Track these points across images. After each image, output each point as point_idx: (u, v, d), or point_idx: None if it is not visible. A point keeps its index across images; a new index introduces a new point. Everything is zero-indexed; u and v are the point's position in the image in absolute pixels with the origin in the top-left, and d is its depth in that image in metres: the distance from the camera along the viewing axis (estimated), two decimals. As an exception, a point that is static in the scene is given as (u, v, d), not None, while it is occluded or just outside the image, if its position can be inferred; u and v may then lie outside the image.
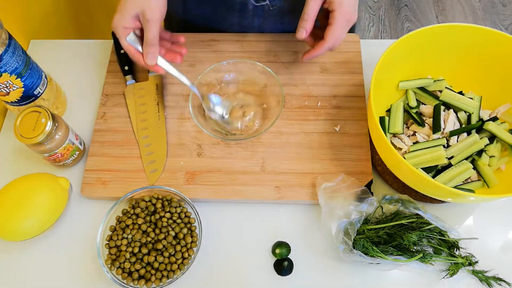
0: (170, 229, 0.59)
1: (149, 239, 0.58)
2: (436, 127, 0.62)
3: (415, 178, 0.53)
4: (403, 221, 0.58)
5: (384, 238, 0.57)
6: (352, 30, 0.74)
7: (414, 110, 0.66)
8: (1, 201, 0.58)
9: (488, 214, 0.63)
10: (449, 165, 0.60)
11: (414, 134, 0.64)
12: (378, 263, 0.56)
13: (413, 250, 0.57)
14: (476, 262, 0.59)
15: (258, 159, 0.66)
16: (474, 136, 0.61)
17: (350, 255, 0.56)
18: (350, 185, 0.60)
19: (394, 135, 0.65)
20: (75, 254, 0.62)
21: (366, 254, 0.56)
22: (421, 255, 0.56)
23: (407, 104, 0.67)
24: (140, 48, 0.59)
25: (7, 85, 0.62)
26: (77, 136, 0.66)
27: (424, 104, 0.67)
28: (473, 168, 0.60)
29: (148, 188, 0.62)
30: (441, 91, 0.66)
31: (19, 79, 0.62)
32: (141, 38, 0.59)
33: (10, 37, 0.60)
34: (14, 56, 0.60)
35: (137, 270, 0.57)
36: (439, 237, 0.58)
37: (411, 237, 0.56)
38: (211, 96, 0.67)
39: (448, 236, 0.58)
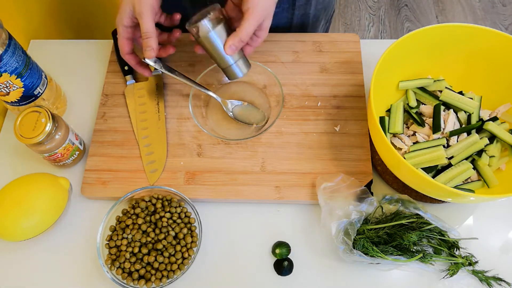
0: (170, 229, 0.59)
1: (149, 239, 0.58)
2: (436, 127, 0.62)
3: (415, 178, 0.53)
4: (403, 221, 0.58)
5: (384, 238, 0.57)
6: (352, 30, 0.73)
7: (414, 110, 0.66)
8: (1, 201, 0.58)
9: (488, 214, 0.63)
10: (449, 165, 0.60)
11: (414, 134, 0.64)
12: (378, 263, 0.56)
13: (413, 250, 0.57)
14: (476, 262, 0.59)
15: (258, 159, 0.66)
16: (474, 136, 0.61)
17: (350, 255, 0.55)
18: (350, 185, 0.60)
19: (394, 135, 0.65)
20: (75, 254, 0.61)
21: (366, 254, 0.56)
22: (421, 255, 0.56)
23: (407, 104, 0.67)
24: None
25: (7, 85, 0.62)
26: (77, 136, 0.66)
27: (424, 104, 0.67)
28: (473, 168, 0.60)
29: (148, 188, 0.62)
30: (441, 91, 0.66)
31: (19, 79, 0.62)
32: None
33: (10, 37, 0.60)
34: (14, 56, 0.60)
35: (137, 270, 0.57)
36: (439, 237, 0.58)
37: (411, 237, 0.56)
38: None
39: (448, 236, 0.58)
